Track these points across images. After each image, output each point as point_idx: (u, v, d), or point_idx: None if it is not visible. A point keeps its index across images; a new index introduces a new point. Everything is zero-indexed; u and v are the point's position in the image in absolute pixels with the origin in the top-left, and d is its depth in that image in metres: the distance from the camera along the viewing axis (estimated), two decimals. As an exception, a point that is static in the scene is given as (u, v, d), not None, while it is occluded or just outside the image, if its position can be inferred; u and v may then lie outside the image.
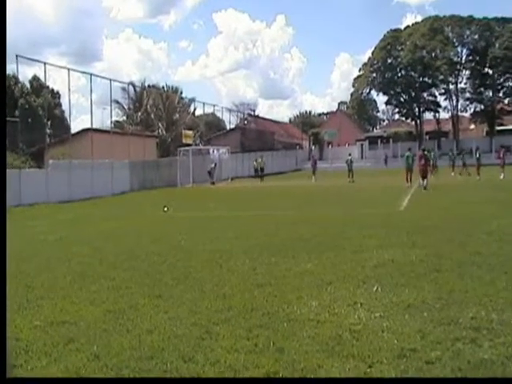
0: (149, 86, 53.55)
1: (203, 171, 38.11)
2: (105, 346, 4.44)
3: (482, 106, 65.02)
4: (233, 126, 61.15)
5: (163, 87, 56.53)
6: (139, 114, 48.75)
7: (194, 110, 55.94)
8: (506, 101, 65.27)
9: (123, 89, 46.97)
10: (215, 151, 43.41)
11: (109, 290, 6.49)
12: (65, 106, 55.41)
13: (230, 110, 62.15)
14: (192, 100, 55.15)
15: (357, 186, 27.30)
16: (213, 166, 38.47)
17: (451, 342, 4.19)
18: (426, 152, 25.38)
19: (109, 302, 5.88)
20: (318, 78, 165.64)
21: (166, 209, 17.19)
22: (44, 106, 42.23)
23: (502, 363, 3.76)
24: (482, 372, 3.63)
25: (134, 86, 49.41)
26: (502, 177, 28.37)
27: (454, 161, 35.76)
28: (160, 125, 48.44)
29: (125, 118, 50.45)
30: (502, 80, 63.04)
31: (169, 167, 37.15)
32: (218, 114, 60.83)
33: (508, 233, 9.50)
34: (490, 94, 64.56)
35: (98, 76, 34.60)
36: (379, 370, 3.76)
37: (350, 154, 36.47)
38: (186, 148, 38.85)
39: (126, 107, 49.83)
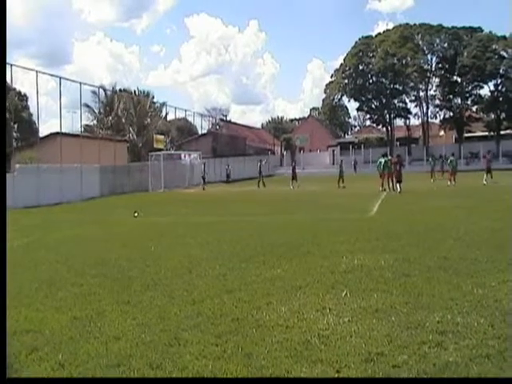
0: (120, 90, 53.19)
1: (175, 176, 37.94)
2: (70, 355, 4.37)
3: (451, 113, 66.43)
4: (204, 131, 61.03)
5: (134, 91, 56.25)
6: (110, 118, 48.27)
7: (166, 114, 55.79)
8: (473, 108, 66.87)
9: (94, 92, 46.45)
10: (187, 156, 43.29)
11: (76, 296, 6.40)
12: (33, 109, 54.44)
13: (201, 115, 62.09)
14: (163, 104, 55.00)
15: (328, 192, 27.52)
16: (202, 167, 38.69)
17: (418, 346, 4.26)
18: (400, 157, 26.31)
19: (76, 309, 5.80)
20: (290, 84, 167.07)
21: (136, 214, 17.06)
22: (10, 108, 41.40)
23: (466, 365, 3.84)
24: (447, 375, 3.70)
25: (104, 90, 48.96)
26: (484, 182, 28.86)
27: (433, 167, 35.47)
28: (131, 129, 48.07)
29: (95, 122, 49.90)
30: (470, 88, 64.51)
31: (140, 172, 36.88)
32: (190, 119, 60.73)
33: (474, 238, 9.70)
34: (459, 101, 66.03)
35: (67, 79, 34.01)
36: (347, 374, 3.80)
37: (341, 160, 36.21)
38: (158, 153, 38.65)
39: (96, 111, 49.30)
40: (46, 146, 32.29)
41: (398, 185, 24.43)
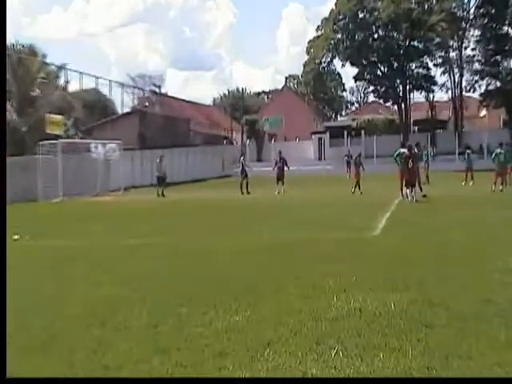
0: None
1: (80, 177, 37.55)
2: None
3: (499, 83, 66.11)
4: (128, 110, 60.78)
5: (13, 45, 55.31)
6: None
7: (66, 83, 55.29)
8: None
9: None
10: (99, 147, 42.91)
11: None
12: None
13: (122, 85, 61.86)
14: (62, 68, 54.42)
15: (314, 199, 27.71)
16: (157, 163, 38.34)
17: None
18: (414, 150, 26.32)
19: None
20: (255, 40, 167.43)
21: (16, 236, 16.77)
22: None
23: None
24: None
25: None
26: None
27: (471, 164, 35.15)
28: (8, 105, 47.38)
29: None
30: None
31: (24, 171, 36.15)
32: (104, 91, 60.36)
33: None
34: (511, 65, 66.39)
35: None
36: None
37: (359, 154, 35.57)
38: (53, 142, 38.09)
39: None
40: None
41: (408, 190, 24.49)
